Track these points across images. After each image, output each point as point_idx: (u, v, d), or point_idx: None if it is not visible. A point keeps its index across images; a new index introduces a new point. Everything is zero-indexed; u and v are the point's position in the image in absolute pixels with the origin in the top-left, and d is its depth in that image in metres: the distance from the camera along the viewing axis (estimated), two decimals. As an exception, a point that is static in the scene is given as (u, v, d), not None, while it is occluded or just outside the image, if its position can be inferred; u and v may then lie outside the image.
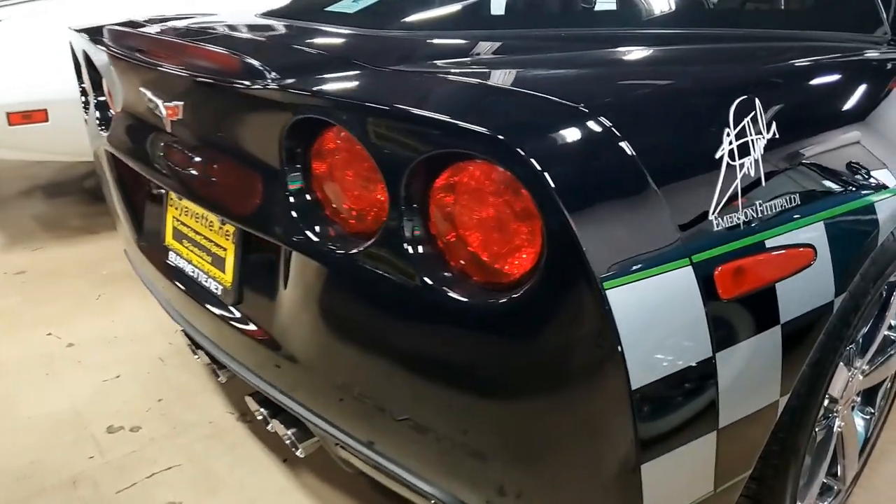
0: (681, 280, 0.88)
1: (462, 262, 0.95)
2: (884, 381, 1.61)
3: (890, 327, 1.59)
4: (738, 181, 0.95)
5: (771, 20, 1.70)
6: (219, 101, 1.23)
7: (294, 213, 1.12)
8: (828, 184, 1.08)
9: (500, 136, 0.82)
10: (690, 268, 0.89)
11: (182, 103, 1.29)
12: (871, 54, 1.49)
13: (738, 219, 0.94)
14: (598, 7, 1.44)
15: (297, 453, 1.43)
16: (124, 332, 2.47)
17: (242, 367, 1.42)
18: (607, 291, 0.82)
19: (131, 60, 1.42)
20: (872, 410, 1.64)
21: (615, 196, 0.85)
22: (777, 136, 1.02)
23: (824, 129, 1.13)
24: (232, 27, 1.46)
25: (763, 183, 0.98)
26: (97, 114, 1.79)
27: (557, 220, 0.81)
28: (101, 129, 1.74)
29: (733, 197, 0.94)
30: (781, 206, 1.00)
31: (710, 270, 0.91)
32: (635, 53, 1.15)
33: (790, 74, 1.19)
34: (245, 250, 1.33)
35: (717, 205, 0.92)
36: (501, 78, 1.01)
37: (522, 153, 0.81)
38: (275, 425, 1.45)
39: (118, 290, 2.76)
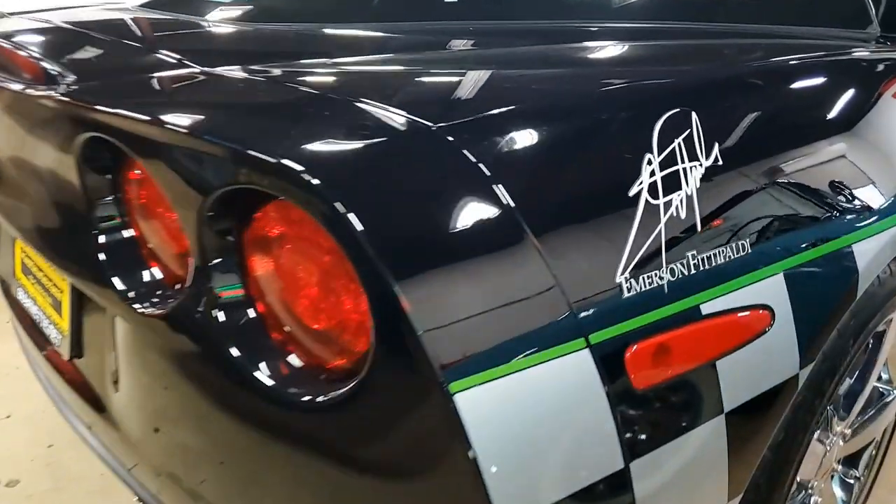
0: (573, 369, 0.63)
1: (280, 338, 0.70)
2: (871, 442, 1.35)
3: (879, 379, 1.34)
4: (661, 226, 0.70)
5: (740, 13, 1.44)
6: (25, 112, 0.97)
7: (103, 256, 0.87)
8: (791, 223, 0.83)
9: (300, 171, 0.57)
10: (587, 351, 0.64)
11: (-6, 113, 1.04)
12: (859, 53, 1.25)
13: (661, 278, 0.69)
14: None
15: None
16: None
17: (90, 433, 1.17)
18: (457, 395, 0.57)
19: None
20: (857, 475, 1.39)
21: (474, 257, 0.60)
22: (721, 162, 0.76)
23: (791, 148, 0.88)
24: (86, 22, 1.21)
25: (699, 227, 0.73)
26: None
27: (382, 293, 0.56)
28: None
29: (654, 248, 0.69)
30: (726, 257, 0.75)
31: (619, 352, 0.66)
32: (548, 53, 0.89)
33: (750, 79, 0.93)
34: (78, 294, 1.08)
35: (630, 261, 0.67)
36: (351, 83, 0.75)
37: (330, 196, 0.56)
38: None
39: (33, 312, 2.50)
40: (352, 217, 0.55)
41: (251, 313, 0.71)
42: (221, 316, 0.71)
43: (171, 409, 0.83)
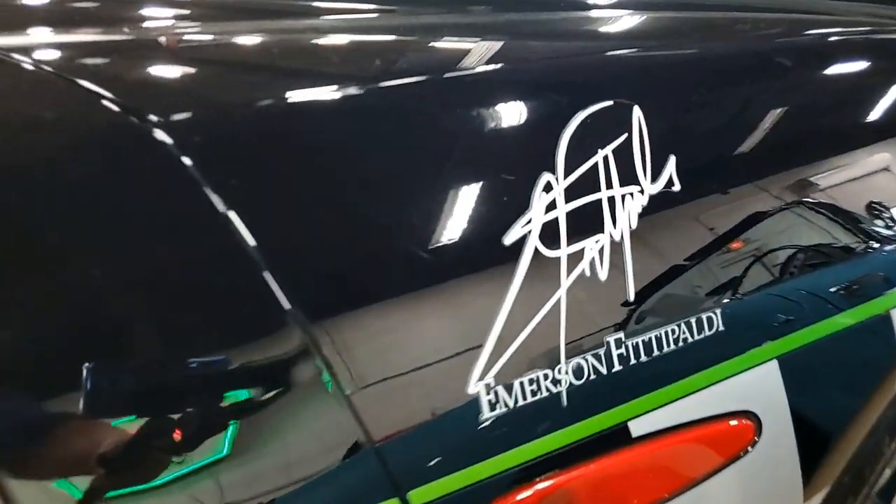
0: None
1: None
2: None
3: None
4: (560, 294, 0.42)
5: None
6: None
7: None
8: (793, 281, 0.54)
9: None
10: (406, 521, 0.36)
11: None
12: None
13: (556, 382, 0.41)
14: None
15: None
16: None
17: None
18: None
19: None
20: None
21: (193, 385, 0.33)
22: (677, 185, 0.48)
23: (792, 164, 0.59)
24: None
25: (631, 292, 0.45)
26: None
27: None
28: None
29: (545, 332, 0.41)
30: (679, 340, 0.47)
31: (470, 516, 0.38)
32: (407, 21, 0.59)
33: (738, 60, 0.65)
34: None
35: (497, 356, 0.39)
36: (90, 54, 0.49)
37: None
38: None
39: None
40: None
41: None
42: None
43: None
